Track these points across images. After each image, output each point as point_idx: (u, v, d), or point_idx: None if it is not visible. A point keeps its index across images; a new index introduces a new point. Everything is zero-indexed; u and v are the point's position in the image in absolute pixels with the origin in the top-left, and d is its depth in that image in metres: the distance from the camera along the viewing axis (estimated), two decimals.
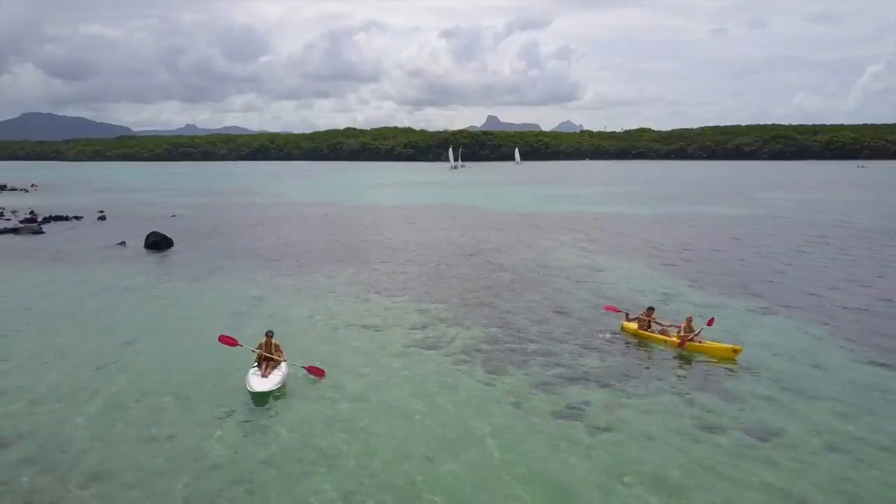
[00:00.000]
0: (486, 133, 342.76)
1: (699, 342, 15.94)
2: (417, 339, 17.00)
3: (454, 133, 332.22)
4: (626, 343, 16.79)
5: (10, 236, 38.24)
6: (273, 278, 25.25)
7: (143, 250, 32.39)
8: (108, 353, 15.88)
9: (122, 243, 34.22)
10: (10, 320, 19.08)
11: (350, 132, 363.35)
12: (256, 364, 14.14)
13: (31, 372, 14.50)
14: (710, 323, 16.35)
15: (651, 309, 17.64)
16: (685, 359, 15.47)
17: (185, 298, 21.96)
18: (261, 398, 12.88)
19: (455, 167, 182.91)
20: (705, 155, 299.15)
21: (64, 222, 45.51)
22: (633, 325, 17.58)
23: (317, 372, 14.22)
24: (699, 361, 15.23)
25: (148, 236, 33.49)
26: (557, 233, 38.96)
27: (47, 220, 45.68)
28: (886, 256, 29.56)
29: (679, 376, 14.42)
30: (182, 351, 16.03)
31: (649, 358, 15.67)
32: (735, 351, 15.40)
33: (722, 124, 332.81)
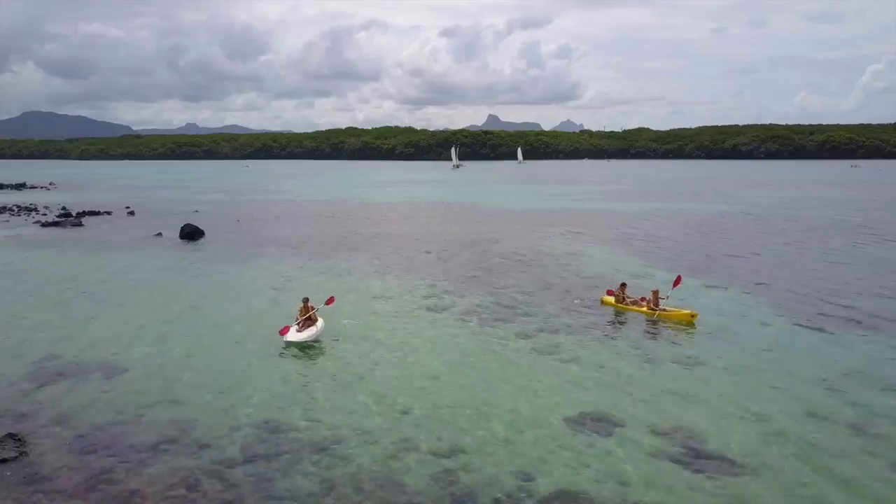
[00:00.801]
0: (486, 132, 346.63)
1: (665, 308, 19.76)
2: (424, 305, 21.09)
3: (455, 132, 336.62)
4: (601, 310, 20.65)
5: (55, 228, 42.42)
6: (298, 262, 29.36)
7: (179, 240, 36.50)
8: (175, 313, 20.00)
9: (159, 234, 38.37)
10: (86, 291, 23.21)
11: (352, 131, 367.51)
12: (297, 324, 18.17)
13: (120, 327, 18.60)
14: (676, 282, 20.38)
15: (623, 284, 21.53)
16: (650, 322, 19.13)
17: (226, 276, 26.06)
18: (296, 346, 16.74)
19: (458, 166, 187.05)
20: (703, 154, 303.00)
21: (97, 217, 49.58)
22: (611, 299, 21.36)
23: (330, 300, 18.59)
24: (662, 324, 18.83)
25: (183, 228, 37.64)
26: (547, 226, 43.11)
27: (81, 214, 49.67)
28: (827, 245, 33.76)
29: (641, 332, 18.20)
30: (231, 314, 20.09)
31: (618, 321, 19.43)
32: (692, 315, 19.10)
33: (723, 123, 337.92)
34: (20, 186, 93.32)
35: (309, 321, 18.08)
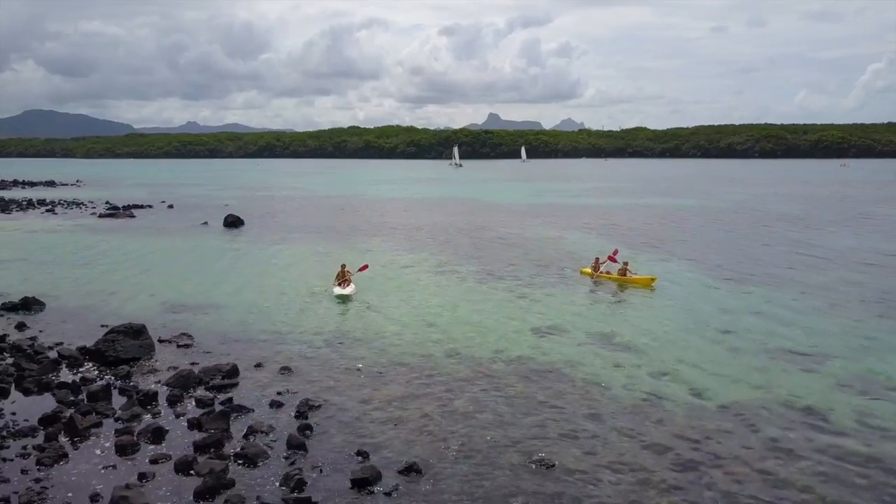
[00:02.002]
0: (486, 132, 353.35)
1: (630, 276, 25.86)
2: (431, 271, 27.72)
3: (456, 132, 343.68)
4: (577, 278, 27.08)
5: (111, 219, 49.10)
6: (326, 243, 36.00)
7: (223, 228, 43.18)
8: (244, 275, 26.65)
9: (205, 223, 45.08)
10: (168, 261, 29.88)
11: (354, 130, 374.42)
12: (336, 283, 24.72)
13: (207, 282, 25.23)
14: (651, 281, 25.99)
15: (597, 259, 28.00)
16: (620, 285, 25.20)
17: (273, 252, 32.67)
18: (340, 298, 23.21)
19: (461, 165, 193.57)
20: (699, 153, 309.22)
21: (142, 209, 56.21)
22: (588, 270, 27.78)
23: (364, 267, 25.00)
24: (629, 286, 24.92)
25: (226, 217, 44.37)
26: (534, 216, 49.83)
27: (127, 207, 56.28)
28: (758, 231, 40.60)
29: (604, 289, 24.75)
30: (286, 275, 26.77)
31: (590, 284, 25.73)
32: (652, 279, 25.54)
33: (724, 121, 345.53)
34: (51, 183, 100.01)
35: (346, 281, 24.71)
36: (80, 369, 15.24)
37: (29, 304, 20.95)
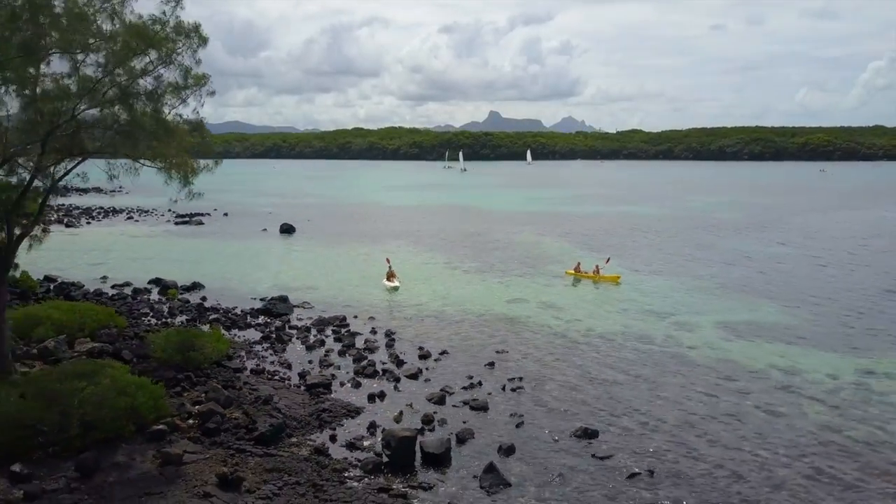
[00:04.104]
0: (486, 134, 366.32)
1: (601, 274, 38.35)
2: (442, 265, 40.42)
3: (457, 133, 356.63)
4: (549, 272, 39.64)
5: (186, 225, 61.65)
6: (365, 246, 48.55)
7: (279, 234, 55.81)
8: (318, 266, 39.30)
9: (265, 229, 57.68)
10: (260, 258, 42.49)
11: (358, 132, 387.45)
12: (386, 279, 37.19)
13: (294, 272, 37.88)
14: (607, 261, 38.98)
15: (578, 263, 40.40)
16: (592, 283, 37.64)
17: (330, 251, 45.27)
18: (391, 289, 35.71)
19: (465, 169, 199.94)
20: (691, 156, 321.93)
21: (204, 217, 68.49)
22: (572, 271, 40.25)
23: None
24: (598, 284, 37.30)
25: (281, 225, 57.00)
26: (522, 224, 62.50)
27: (192, 215, 68.52)
28: (688, 236, 53.22)
29: (581, 285, 37.38)
30: (347, 265, 39.44)
31: (571, 279, 38.32)
32: (618, 277, 38.02)
33: (724, 120, 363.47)
34: (98, 189, 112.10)
35: (394, 277, 37.10)
36: (258, 319, 27.94)
37: (197, 286, 33.71)
